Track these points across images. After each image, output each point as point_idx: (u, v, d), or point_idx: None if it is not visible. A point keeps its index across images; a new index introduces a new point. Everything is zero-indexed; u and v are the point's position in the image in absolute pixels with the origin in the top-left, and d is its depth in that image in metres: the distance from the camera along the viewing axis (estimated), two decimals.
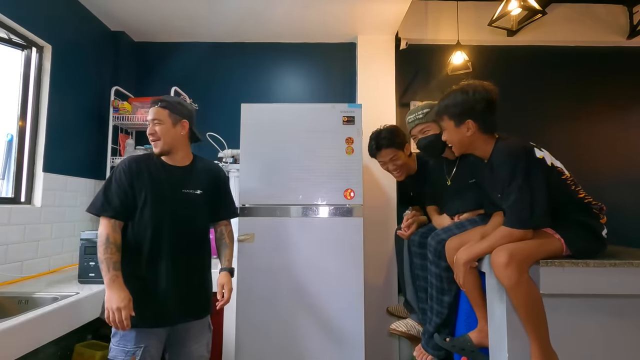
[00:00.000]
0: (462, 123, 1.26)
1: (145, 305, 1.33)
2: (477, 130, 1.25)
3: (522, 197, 1.11)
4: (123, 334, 1.32)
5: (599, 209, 1.19)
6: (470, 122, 1.25)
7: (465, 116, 1.25)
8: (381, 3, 2.40)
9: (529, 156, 1.15)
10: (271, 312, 2.00)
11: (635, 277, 1.10)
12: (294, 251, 2.04)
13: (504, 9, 2.20)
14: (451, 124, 1.29)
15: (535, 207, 1.11)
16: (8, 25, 1.88)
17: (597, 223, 1.18)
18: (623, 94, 2.90)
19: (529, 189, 1.12)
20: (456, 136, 1.29)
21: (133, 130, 2.80)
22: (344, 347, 1.99)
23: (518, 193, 1.12)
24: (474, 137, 1.26)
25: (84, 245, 1.75)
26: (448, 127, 1.31)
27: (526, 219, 1.11)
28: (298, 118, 2.13)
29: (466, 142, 1.29)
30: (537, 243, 1.12)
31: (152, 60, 2.92)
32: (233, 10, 2.48)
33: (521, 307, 1.08)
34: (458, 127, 1.27)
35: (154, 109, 1.45)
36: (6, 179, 1.96)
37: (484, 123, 1.25)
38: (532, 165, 1.14)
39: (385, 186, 2.70)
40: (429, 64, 2.90)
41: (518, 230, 1.12)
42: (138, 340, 1.33)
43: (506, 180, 1.15)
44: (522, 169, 1.13)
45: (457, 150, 1.34)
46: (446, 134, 1.33)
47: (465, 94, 1.25)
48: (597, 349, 1.15)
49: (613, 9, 2.91)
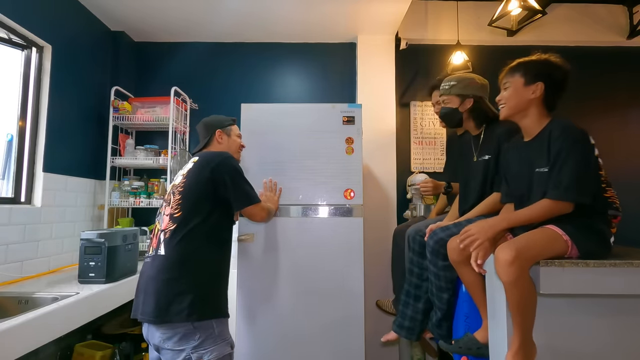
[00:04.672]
0: (533, 83, 1.26)
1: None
2: (541, 98, 1.26)
3: (576, 170, 1.12)
4: (219, 330, 1.38)
5: (614, 216, 1.21)
6: (540, 85, 1.25)
7: (539, 77, 1.25)
8: (381, 3, 2.40)
9: (588, 138, 1.18)
10: (271, 312, 2.00)
11: (635, 277, 1.10)
12: (294, 251, 2.04)
13: (504, 9, 2.20)
14: (521, 81, 1.28)
15: (587, 182, 1.13)
16: (8, 25, 1.88)
17: (608, 230, 1.19)
18: (623, 93, 2.89)
19: (585, 165, 1.14)
20: (517, 96, 1.28)
21: (133, 130, 2.80)
22: (344, 347, 1.99)
23: (574, 166, 1.13)
24: (534, 103, 1.26)
25: (84, 245, 1.74)
26: (515, 84, 1.29)
27: (575, 191, 1.12)
28: (298, 118, 2.13)
29: (523, 104, 1.27)
30: (544, 243, 1.12)
31: (152, 60, 2.92)
32: (233, 11, 2.48)
33: (515, 304, 1.08)
34: (527, 86, 1.27)
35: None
36: (6, 179, 1.96)
37: (551, 94, 1.26)
38: (590, 147, 1.17)
39: (385, 186, 2.70)
40: (429, 64, 2.89)
41: (563, 202, 1.13)
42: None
43: (562, 152, 1.15)
44: (581, 146, 1.15)
45: (506, 112, 1.32)
46: (508, 92, 1.30)
47: (547, 60, 1.27)
48: (598, 349, 1.15)
49: (613, 9, 2.91)
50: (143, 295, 1.38)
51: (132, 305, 1.43)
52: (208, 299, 1.39)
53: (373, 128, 2.70)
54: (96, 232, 1.76)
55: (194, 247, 1.40)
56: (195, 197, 1.44)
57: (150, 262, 1.42)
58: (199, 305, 1.34)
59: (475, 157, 1.62)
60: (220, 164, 1.48)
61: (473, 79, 1.62)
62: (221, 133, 1.70)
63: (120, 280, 1.81)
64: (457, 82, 1.63)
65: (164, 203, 1.52)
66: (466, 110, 1.63)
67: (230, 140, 1.72)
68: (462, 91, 1.61)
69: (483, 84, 1.63)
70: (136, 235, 2.02)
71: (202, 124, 1.73)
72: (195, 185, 1.45)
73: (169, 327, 1.32)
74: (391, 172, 2.72)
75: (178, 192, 1.46)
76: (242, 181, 1.55)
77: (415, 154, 2.85)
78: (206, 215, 1.43)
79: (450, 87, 1.64)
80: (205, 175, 1.45)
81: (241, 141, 1.78)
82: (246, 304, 2.01)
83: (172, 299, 1.32)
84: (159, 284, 1.35)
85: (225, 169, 1.48)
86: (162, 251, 1.39)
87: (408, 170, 2.82)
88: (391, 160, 2.73)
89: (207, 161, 1.50)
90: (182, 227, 1.40)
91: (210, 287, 1.42)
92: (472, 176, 1.61)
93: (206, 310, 1.36)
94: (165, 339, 1.33)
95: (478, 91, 1.61)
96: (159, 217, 1.50)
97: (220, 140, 1.70)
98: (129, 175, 2.70)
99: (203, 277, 1.40)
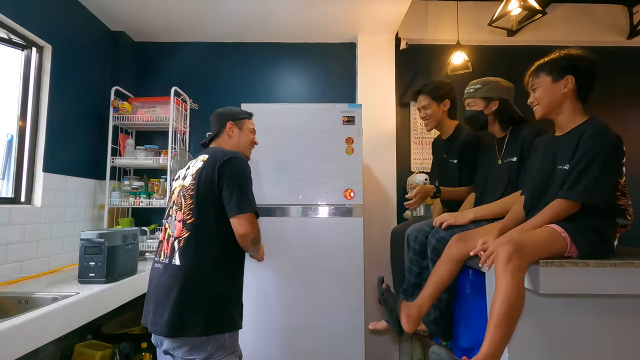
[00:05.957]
0: (562, 78, 1.24)
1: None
2: (573, 91, 1.24)
3: (598, 173, 1.12)
4: (230, 342, 1.37)
5: (624, 225, 1.22)
6: (570, 78, 1.23)
7: (567, 71, 1.24)
8: (381, 3, 2.40)
9: (620, 144, 1.17)
10: (271, 312, 2.00)
11: (635, 277, 1.10)
12: (294, 251, 2.04)
13: (504, 9, 2.20)
14: (548, 80, 1.27)
15: (605, 187, 1.13)
16: (8, 25, 1.88)
17: (613, 234, 1.19)
18: (623, 94, 2.90)
19: (608, 170, 1.13)
20: (548, 94, 1.27)
21: (133, 130, 2.80)
22: (344, 347, 1.99)
23: (597, 169, 1.12)
24: (567, 97, 1.25)
25: (84, 245, 1.74)
26: (543, 84, 1.28)
27: (591, 193, 1.12)
28: (298, 118, 2.13)
29: (557, 101, 1.26)
30: (543, 240, 1.12)
31: (152, 60, 2.92)
32: (233, 10, 2.48)
33: (499, 299, 1.04)
34: (556, 82, 1.25)
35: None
36: (6, 179, 1.96)
37: (582, 85, 1.24)
38: (620, 154, 1.17)
39: (385, 186, 2.70)
40: (429, 64, 2.90)
41: (575, 203, 1.14)
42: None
43: (589, 154, 1.14)
44: (610, 151, 1.14)
45: (541, 111, 1.31)
46: (538, 92, 1.29)
47: (570, 54, 1.26)
48: (597, 349, 1.15)
49: (613, 9, 2.91)
50: (154, 305, 1.35)
51: (143, 311, 1.41)
52: (223, 312, 1.35)
53: (373, 128, 2.70)
54: (96, 232, 1.76)
55: (209, 256, 1.35)
56: (206, 201, 1.38)
57: (163, 271, 1.37)
58: (214, 319, 1.32)
59: (499, 160, 1.61)
60: (225, 163, 1.40)
61: (498, 81, 1.62)
62: (232, 125, 1.58)
63: (120, 280, 1.81)
64: (482, 85, 1.62)
65: (174, 206, 1.44)
66: (491, 113, 1.62)
67: (241, 135, 1.60)
68: (487, 94, 1.60)
69: (508, 87, 1.62)
70: (136, 235, 2.02)
71: (215, 114, 1.63)
72: (204, 188, 1.38)
73: (181, 339, 1.31)
74: (391, 172, 2.72)
75: (189, 196, 1.39)
76: (242, 185, 1.41)
77: (415, 154, 2.85)
78: (220, 221, 1.38)
79: (475, 90, 1.63)
80: (212, 176, 1.39)
81: (254, 137, 1.66)
82: (246, 303, 2.00)
83: (186, 313, 1.29)
84: (173, 296, 1.30)
85: (228, 167, 1.40)
86: (177, 261, 1.34)
87: (408, 170, 2.82)
88: (391, 160, 2.73)
89: (214, 160, 1.42)
90: (197, 235, 1.35)
91: (225, 299, 1.38)
92: (494, 178, 1.61)
93: (220, 325, 1.34)
94: (175, 348, 1.32)
95: (503, 94, 1.60)
96: (169, 221, 1.44)
97: (230, 133, 1.58)
98: (129, 175, 2.70)
99: (218, 288, 1.36)
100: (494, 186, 1.59)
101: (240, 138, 1.61)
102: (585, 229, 1.15)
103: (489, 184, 1.63)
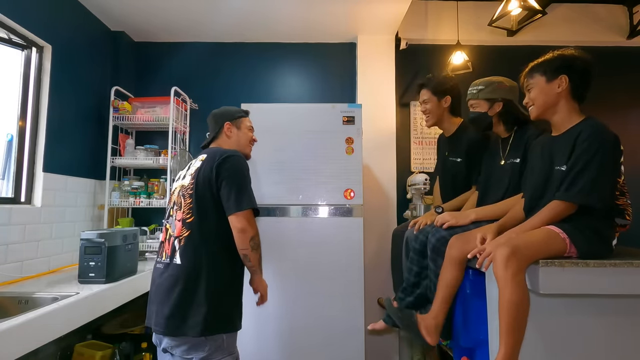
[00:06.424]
0: (555, 78, 1.24)
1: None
2: (568, 91, 1.24)
3: (595, 174, 1.12)
4: (228, 343, 1.37)
5: (623, 225, 1.21)
6: (564, 78, 1.23)
7: (560, 70, 1.24)
8: (381, 3, 2.40)
9: (618, 144, 1.17)
10: (271, 312, 2.00)
11: (635, 277, 1.10)
12: (294, 251, 2.04)
13: (504, 9, 2.20)
14: (542, 80, 1.27)
15: (603, 188, 1.12)
16: (8, 25, 1.88)
17: (612, 233, 1.19)
18: (623, 94, 2.90)
19: (605, 171, 1.13)
20: (543, 94, 1.27)
21: (133, 130, 2.80)
22: (344, 347, 1.99)
23: (594, 169, 1.12)
24: (562, 97, 1.25)
25: (84, 245, 1.74)
26: (538, 85, 1.28)
27: (588, 195, 1.12)
28: (298, 118, 2.13)
29: (552, 101, 1.26)
30: (542, 242, 1.12)
31: (152, 60, 2.92)
32: (233, 10, 2.48)
33: (506, 304, 1.05)
34: (549, 82, 1.25)
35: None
36: (6, 179, 1.96)
37: (577, 85, 1.24)
38: (618, 154, 1.17)
39: (385, 186, 2.70)
40: (429, 64, 2.89)
41: (572, 204, 1.13)
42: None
43: (585, 155, 1.14)
44: (608, 151, 1.14)
45: (536, 112, 1.30)
46: (533, 92, 1.29)
47: (563, 54, 1.26)
48: (597, 349, 1.15)
49: (613, 9, 2.91)
50: (156, 305, 1.36)
51: (146, 312, 1.43)
52: (222, 313, 1.36)
53: (373, 128, 2.70)
54: (96, 232, 1.76)
55: (210, 255, 1.36)
56: (205, 200, 1.38)
57: (164, 270, 1.38)
58: (213, 319, 1.32)
59: (502, 161, 1.60)
60: (223, 161, 1.40)
61: (502, 82, 1.60)
62: (230, 126, 1.58)
63: (120, 280, 1.81)
64: (485, 86, 1.60)
65: (174, 206, 1.45)
66: (495, 114, 1.60)
67: (240, 134, 1.60)
68: (490, 95, 1.59)
69: (512, 87, 1.60)
70: (136, 235, 2.02)
71: (212, 116, 1.63)
72: (203, 187, 1.39)
73: (180, 338, 1.32)
74: (391, 172, 2.72)
75: (189, 195, 1.40)
76: (240, 183, 1.41)
77: (415, 154, 2.85)
78: (219, 220, 1.39)
79: (478, 92, 1.62)
80: (210, 174, 1.39)
81: (253, 135, 1.66)
82: (246, 303, 2.00)
83: (186, 312, 1.31)
84: (174, 295, 1.32)
85: (225, 166, 1.40)
86: (177, 260, 1.35)
87: (408, 170, 2.82)
88: (391, 160, 2.73)
89: (212, 159, 1.42)
90: (197, 233, 1.36)
91: (225, 298, 1.39)
92: (496, 179, 1.60)
93: (219, 325, 1.34)
94: (174, 346, 1.34)
95: (507, 94, 1.58)
96: (170, 221, 1.45)
97: (229, 133, 1.58)
98: (129, 175, 2.70)
99: (219, 287, 1.36)
100: (496, 187, 1.59)
101: (240, 137, 1.61)
102: (584, 229, 1.15)
103: (491, 184, 1.63)
